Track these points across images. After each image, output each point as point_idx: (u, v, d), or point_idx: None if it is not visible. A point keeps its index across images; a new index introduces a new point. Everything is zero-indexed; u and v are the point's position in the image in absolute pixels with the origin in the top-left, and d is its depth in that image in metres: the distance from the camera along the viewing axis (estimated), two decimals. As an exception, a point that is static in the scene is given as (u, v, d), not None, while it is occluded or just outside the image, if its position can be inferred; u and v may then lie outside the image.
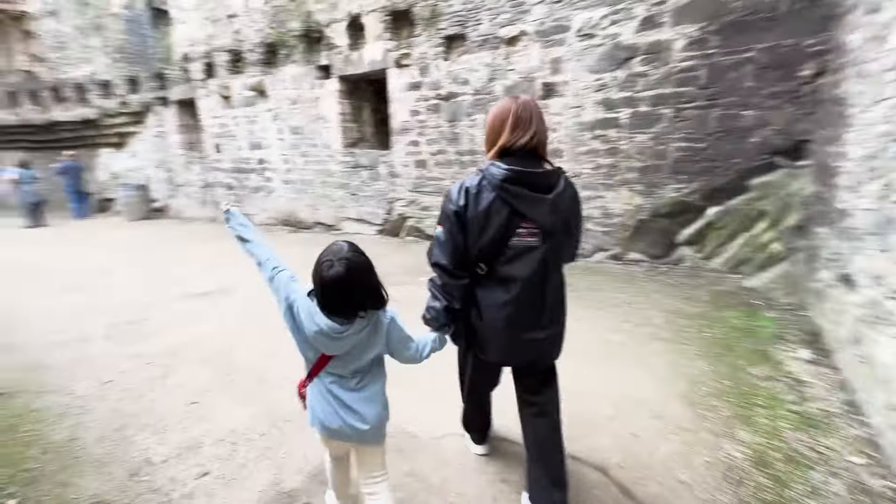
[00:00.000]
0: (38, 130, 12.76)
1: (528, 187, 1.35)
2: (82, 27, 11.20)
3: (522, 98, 1.44)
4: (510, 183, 1.34)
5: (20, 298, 4.46)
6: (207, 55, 8.91)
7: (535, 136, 1.39)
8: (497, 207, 1.36)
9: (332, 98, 7.26)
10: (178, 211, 11.22)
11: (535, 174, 1.37)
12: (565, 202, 1.41)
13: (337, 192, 7.71)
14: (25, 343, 3.27)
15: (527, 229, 1.38)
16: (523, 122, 1.39)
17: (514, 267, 1.40)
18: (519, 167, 1.35)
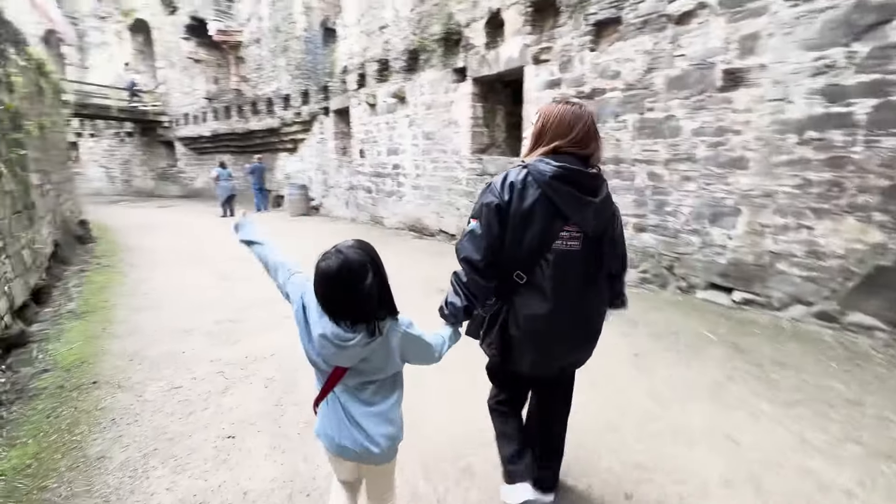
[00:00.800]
0: (240, 137, 15.53)
1: (577, 188, 1.29)
2: (274, 50, 13.20)
3: (585, 106, 1.38)
4: (559, 181, 1.28)
5: (182, 279, 5.08)
6: (361, 66, 9.48)
7: (597, 149, 1.35)
8: (541, 206, 1.29)
9: (465, 101, 6.88)
10: (329, 210, 12.35)
11: (585, 174, 1.31)
12: (608, 208, 1.38)
13: (461, 201, 7.32)
14: (150, 328, 3.53)
15: (569, 233, 1.32)
16: (590, 134, 1.33)
17: (555, 275, 1.32)
18: (570, 165, 1.29)
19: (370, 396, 1.20)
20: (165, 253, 7.05)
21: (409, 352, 1.24)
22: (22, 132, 4.30)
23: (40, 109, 5.55)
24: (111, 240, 8.31)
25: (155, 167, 21.15)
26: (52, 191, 5.64)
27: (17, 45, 4.73)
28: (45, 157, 5.53)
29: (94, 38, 21.31)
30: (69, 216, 6.89)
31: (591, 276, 1.36)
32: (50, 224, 5.11)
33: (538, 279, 1.32)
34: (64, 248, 5.81)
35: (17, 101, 4.20)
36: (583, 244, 1.32)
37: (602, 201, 1.33)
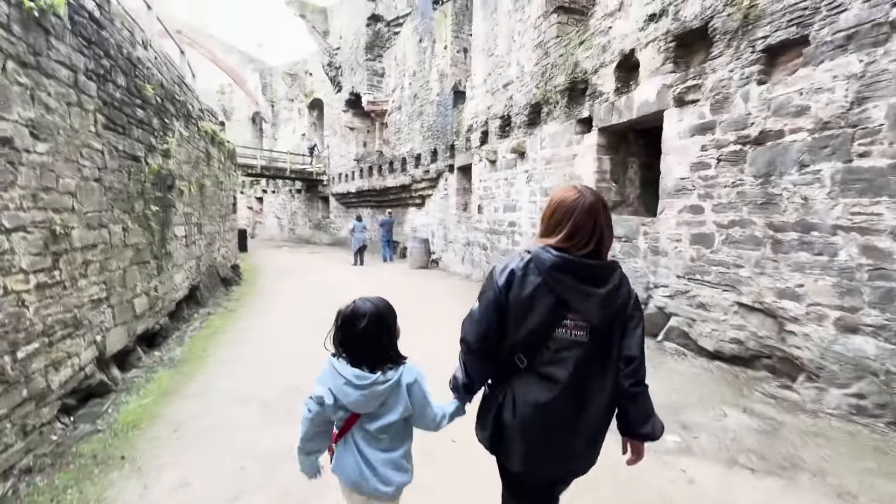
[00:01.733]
0: (378, 193, 16.92)
1: (578, 278, 1.25)
2: (411, 114, 14.27)
3: (586, 197, 1.29)
4: (558, 271, 1.25)
5: (282, 328, 5.16)
6: (484, 123, 9.41)
7: (598, 246, 1.28)
8: (542, 294, 1.26)
9: (590, 154, 6.04)
10: (447, 264, 12.26)
11: (587, 265, 1.26)
12: (619, 300, 1.29)
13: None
14: (217, 389, 3.40)
15: (574, 321, 1.27)
16: (583, 231, 1.26)
17: (558, 363, 1.28)
18: (569, 255, 1.25)
19: (387, 444, 1.35)
20: (287, 297, 7.51)
21: (414, 402, 1.35)
22: (172, 191, 4.94)
23: (203, 172, 6.52)
24: (253, 282, 9.35)
25: (313, 218, 24.46)
26: (202, 240, 6.45)
27: (187, 120, 5.61)
28: (201, 211, 6.40)
29: (283, 116, 26.44)
30: (221, 261, 7.87)
31: (599, 371, 1.30)
32: (190, 270, 5.74)
33: (539, 365, 1.29)
34: (204, 290, 6.51)
35: (171, 166, 4.86)
36: (590, 335, 1.27)
37: (609, 292, 1.26)
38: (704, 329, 4.34)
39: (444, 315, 5.98)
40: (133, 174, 3.73)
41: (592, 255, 1.27)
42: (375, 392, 1.26)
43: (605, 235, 1.28)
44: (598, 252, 1.28)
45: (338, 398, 1.27)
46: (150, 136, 4.21)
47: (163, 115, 4.62)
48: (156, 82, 4.36)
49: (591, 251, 1.26)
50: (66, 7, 2.66)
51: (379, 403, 1.28)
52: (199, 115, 6.49)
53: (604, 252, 1.30)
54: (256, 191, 27.68)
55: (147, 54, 4.96)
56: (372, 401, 1.27)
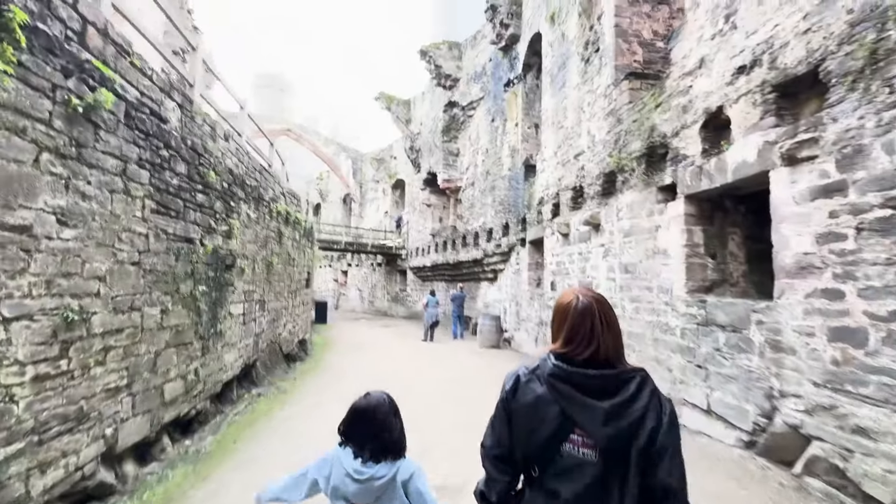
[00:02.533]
0: (451, 267, 16.82)
1: (578, 389, 1.16)
2: (484, 190, 14.34)
3: (583, 297, 1.23)
4: (558, 380, 1.18)
5: (327, 420, 4.72)
6: (556, 196, 8.93)
7: (599, 350, 1.17)
8: (545, 404, 1.19)
9: (676, 225, 5.16)
10: (519, 344, 11.28)
11: (586, 375, 1.16)
12: (632, 416, 1.12)
13: (674, 359, 5.13)
14: (224, 499, 2.96)
15: (581, 437, 1.16)
16: (581, 335, 1.19)
17: (563, 481, 1.17)
18: (567, 365, 1.18)
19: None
20: (346, 377, 7.18)
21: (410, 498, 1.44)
22: (232, 271, 5.04)
23: (273, 250, 6.77)
24: (318, 357, 9.26)
25: (391, 291, 25.01)
26: (265, 317, 6.51)
27: (258, 202, 5.92)
28: (265, 287, 6.54)
29: (369, 196, 28.60)
30: (286, 337, 7.91)
31: (614, 495, 1.12)
32: (246, 348, 5.71)
33: (547, 479, 1.20)
34: (261, 368, 6.43)
35: (233, 246, 5.01)
36: (600, 456, 1.13)
37: (617, 405, 1.12)
38: (871, 468, 3.01)
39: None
40: (183, 255, 3.79)
41: (599, 362, 1.17)
42: (371, 487, 1.38)
43: (606, 338, 1.18)
44: (606, 358, 1.18)
45: (339, 487, 1.40)
46: (210, 218, 4.38)
47: (228, 198, 4.86)
48: (223, 169, 4.63)
49: (594, 355, 1.17)
50: (120, 103, 2.83)
51: (375, 497, 1.38)
52: (274, 198, 6.90)
53: (612, 358, 1.19)
54: (342, 264, 29.46)
55: (227, 145, 5.39)
56: (369, 494, 1.38)
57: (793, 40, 3.69)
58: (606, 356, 1.17)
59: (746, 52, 4.17)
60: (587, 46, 7.78)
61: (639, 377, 1.18)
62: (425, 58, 15.78)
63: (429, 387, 6.69)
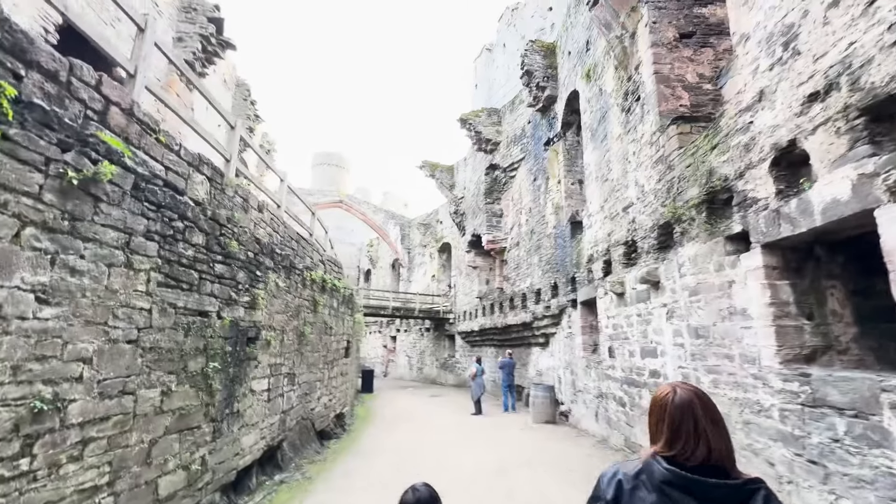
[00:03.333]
0: (500, 332, 15.94)
1: (697, 499, 1.05)
2: (529, 249, 13.80)
3: (681, 391, 1.15)
4: (672, 488, 1.07)
5: None
6: (606, 252, 8.23)
7: (711, 454, 1.07)
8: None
9: (755, 280, 4.33)
10: (577, 419, 10.00)
11: (707, 484, 1.05)
12: None
13: (774, 450, 4.05)
14: None
15: None
16: (685, 434, 1.09)
17: None
18: (682, 469, 1.08)
19: None
20: (385, 460, 6.49)
21: None
22: (255, 343, 4.78)
23: (306, 319, 6.56)
24: (357, 434, 8.62)
25: (440, 357, 24.14)
26: (294, 391, 6.14)
27: (289, 271, 5.80)
28: (296, 359, 6.23)
29: (417, 261, 28.86)
30: (321, 412, 7.44)
31: None
32: (271, 428, 5.29)
33: None
34: (288, 450, 5.94)
35: (258, 317, 4.80)
36: None
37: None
38: None
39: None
40: (194, 330, 3.57)
41: (713, 468, 1.08)
42: None
43: (715, 438, 1.08)
44: (719, 463, 1.08)
45: None
46: (231, 289, 4.22)
47: (254, 268, 4.74)
48: (248, 239, 4.56)
49: (706, 459, 1.07)
50: (127, 175, 2.76)
51: None
52: (310, 266, 6.82)
53: (727, 463, 1.08)
54: (391, 330, 29.21)
55: (260, 216, 5.41)
56: None
57: (878, 55, 3.09)
58: (720, 460, 1.08)
59: (817, 76, 3.58)
60: (626, 97, 7.46)
61: (763, 490, 1.07)
62: (465, 125, 16.26)
63: (475, 474, 5.80)
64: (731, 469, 1.09)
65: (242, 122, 14.50)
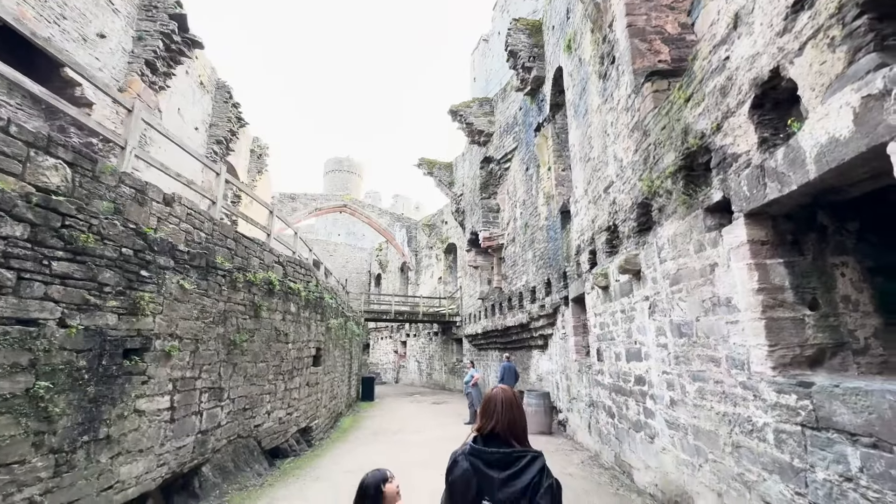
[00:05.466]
0: (500, 334, 14.97)
1: (483, 463, 1.59)
2: (524, 244, 12.82)
3: (495, 391, 1.76)
4: (472, 456, 1.63)
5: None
6: (591, 241, 7.24)
7: (497, 425, 1.67)
8: (468, 477, 1.59)
9: (739, 259, 3.33)
10: (573, 430, 8.97)
11: (490, 454, 1.61)
12: (521, 484, 1.52)
13: (771, 486, 3.03)
14: None
15: (488, 502, 1.54)
16: (488, 413, 1.71)
17: None
18: (478, 445, 1.65)
19: None
20: (328, 484, 5.71)
21: None
22: (143, 356, 4.09)
23: (242, 326, 5.86)
24: (319, 452, 7.86)
25: (448, 362, 23.26)
26: (223, 408, 5.44)
27: (204, 271, 5.11)
28: (227, 371, 5.54)
29: (424, 263, 28.13)
30: (273, 427, 6.74)
31: None
32: (177, 453, 4.58)
33: None
34: (213, 473, 5.23)
35: (146, 325, 4.12)
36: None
37: (510, 476, 1.54)
38: None
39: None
40: (8, 343, 2.88)
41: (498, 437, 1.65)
42: None
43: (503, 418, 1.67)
44: (501, 432, 1.65)
45: None
46: (89, 292, 3.53)
47: (137, 267, 4.06)
48: (119, 234, 3.87)
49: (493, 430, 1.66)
50: None
51: None
52: (244, 267, 6.12)
53: (507, 434, 1.65)
54: (401, 335, 28.50)
55: (168, 210, 4.75)
56: None
57: (881, -83, 2.12)
58: (503, 431, 1.65)
59: (800, -28, 2.61)
60: (602, 61, 6.50)
61: (528, 456, 1.59)
62: (457, 117, 15.45)
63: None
64: (516, 442, 1.65)
65: (224, 124, 14.08)
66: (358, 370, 17.94)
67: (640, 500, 5.05)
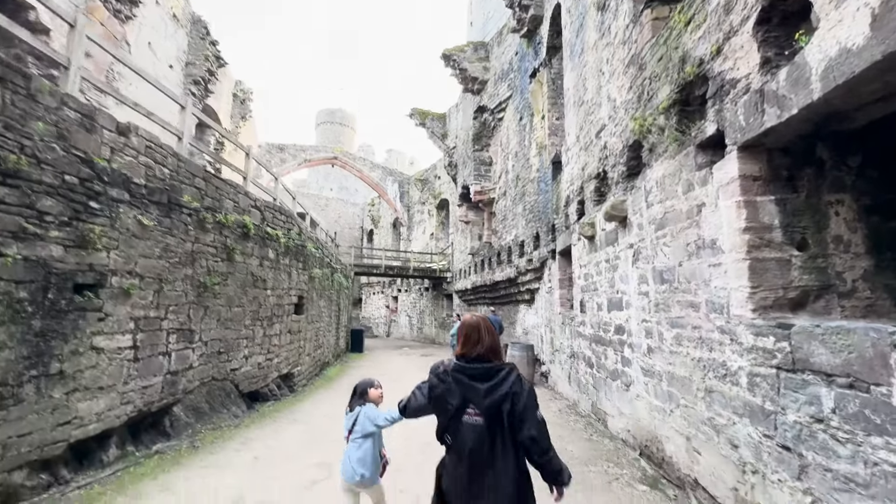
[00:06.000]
0: (489, 289, 14.95)
1: (468, 377, 1.87)
2: (514, 198, 12.50)
3: (474, 318, 2.02)
4: (458, 372, 1.90)
5: None
6: (580, 191, 6.96)
7: (482, 349, 1.92)
8: (452, 390, 1.88)
9: (728, 197, 3.09)
10: (554, 381, 9.10)
11: (473, 368, 1.89)
12: (501, 391, 1.81)
13: (740, 429, 2.96)
14: None
15: (474, 410, 1.84)
16: (472, 339, 1.95)
17: (464, 440, 1.84)
18: (464, 363, 1.92)
19: (356, 450, 2.62)
20: (306, 426, 5.73)
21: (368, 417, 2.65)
22: (98, 292, 3.88)
23: (211, 268, 5.65)
24: (301, 397, 7.92)
25: (438, 317, 23.49)
26: (193, 350, 5.33)
27: (166, 209, 4.82)
28: (198, 313, 5.39)
29: (416, 219, 27.78)
30: (251, 372, 6.69)
31: (497, 445, 1.81)
32: (143, 392, 4.49)
33: (454, 444, 1.88)
34: (186, 413, 5.20)
35: (99, 259, 3.88)
36: (485, 419, 1.81)
37: (492, 386, 1.83)
38: None
39: None
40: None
41: (482, 359, 1.91)
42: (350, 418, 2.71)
43: (485, 343, 1.93)
44: (486, 356, 1.92)
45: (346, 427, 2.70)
46: (26, 220, 3.26)
47: (85, 198, 3.76)
48: (59, 158, 3.54)
49: (479, 355, 1.91)
50: None
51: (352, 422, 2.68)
52: (214, 208, 5.82)
53: (490, 355, 1.92)
54: (393, 290, 28.62)
55: (125, 140, 4.39)
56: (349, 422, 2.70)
57: None
58: (485, 354, 1.91)
59: None
60: (602, -11, 5.93)
61: (506, 369, 1.88)
62: (449, 62, 14.63)
63: (400, 450, 4.95)
64: (493, 359, 1.92)
65: (201, 63, 13.23)
66: (347, 322, 18.05)
67: (612, 444, 5.09)
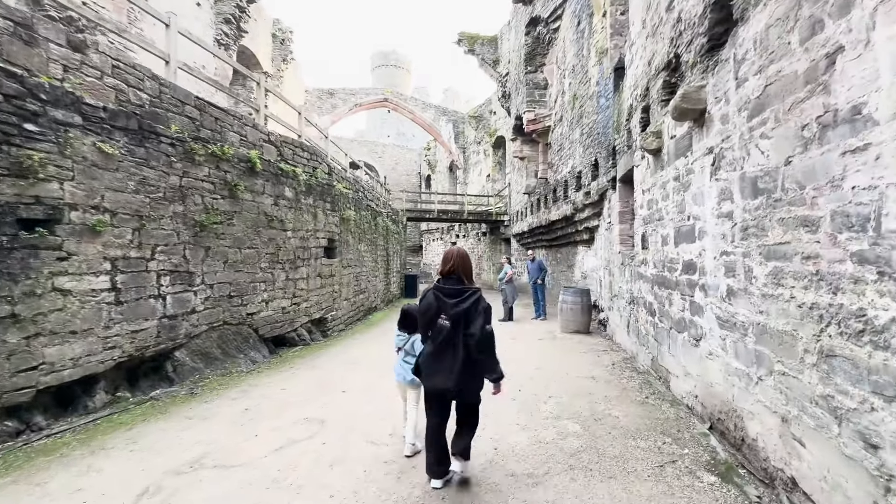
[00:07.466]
0: (545, 230, 13.63)
1: (443, 294, 2.64)
2: (571, 122, 10.76)
3: (453, 249, 2.86)
4: (435, 290, 2.69)
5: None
6: (646, 93, 5.39)
7: (452, 267, 2.74)
8: (432, 303, 2.65)
9: (894, 21, 1.68)
10: (613, 330, 7.94)
11: (446, 288, 2.67)
12: (464, 306, 2.58)
13: (887, 419, 1.76)
14: None
15: (444, 317, 2.59)
16: (447, 260, 2.78)
17: (436, 337, 2.63)
18: (441, 283, 2.72)
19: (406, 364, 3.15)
20: (322, 374, 5.33)
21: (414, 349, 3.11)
22: (54, 227, 3.46)
23: (209, 205, 5.16)
24: (332, 342, 7.62)
25: (496, 262, 22.62)
26: (195, 293, 4.98)
27: (140, 136, 4.26)
28: (197, 254, 4.98)
29: (472, 160, 26.31)
30: (271, 316, 6.40)
31: (457, 340, 2.58)
32: (130, 336, 4.20)
33: (431, 338, 2.68)
34: (192, 358, 4.95)
35: (51, 191, 3.41)
36: (451, 323, 2.58)
37: (458, 300, 2.59)
38: None
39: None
40: None
41: (455, 277, 2.73)
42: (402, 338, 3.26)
43: (457, 263, 2.76)
44: (454, 273, 2.73)
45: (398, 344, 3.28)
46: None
47: (19, 119, 3.24)
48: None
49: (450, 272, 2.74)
50: None
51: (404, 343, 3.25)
52: (211, 139, 5.22)
53: (460, 274, 2.74)
54: (451, 236, 28.03)
55: (81, 57, 3.80)
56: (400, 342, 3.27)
57: None
58: (456, 272, 2.72)
59: None
60: None
61: (471, 291, 2.64)
62: (495, -33, 12.50)
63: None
64: (467, 280, 2.74)
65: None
66: (400, 268, 17.86)
67: (673, 411, 4.01)
